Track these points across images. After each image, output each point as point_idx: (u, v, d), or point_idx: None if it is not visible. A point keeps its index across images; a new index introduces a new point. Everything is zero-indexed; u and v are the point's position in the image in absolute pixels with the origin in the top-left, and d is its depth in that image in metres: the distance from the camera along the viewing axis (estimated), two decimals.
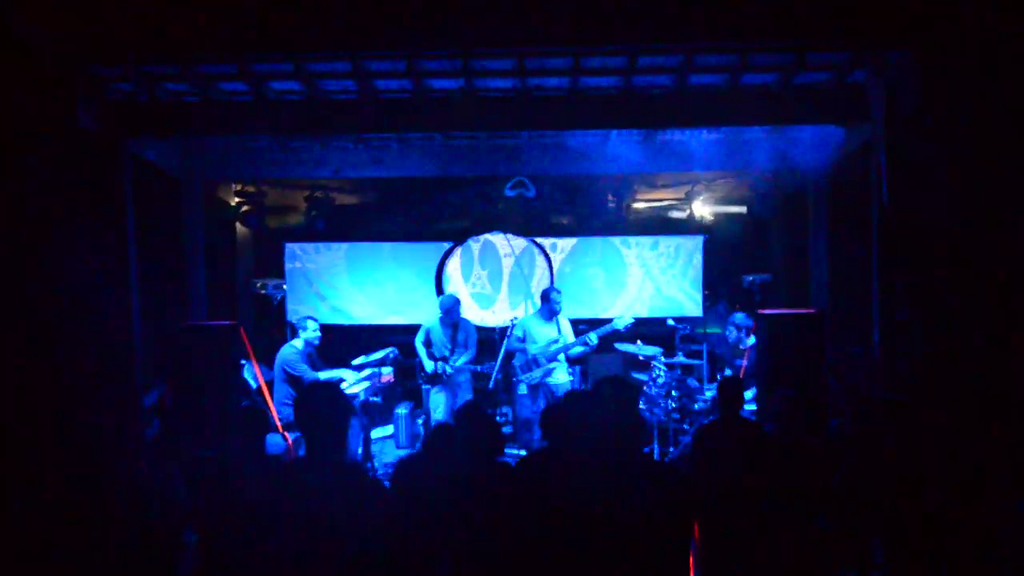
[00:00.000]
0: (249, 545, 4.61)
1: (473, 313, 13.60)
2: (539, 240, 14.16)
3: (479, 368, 11.43)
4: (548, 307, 11.53)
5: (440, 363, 11.27)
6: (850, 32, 8.09)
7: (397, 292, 14.18)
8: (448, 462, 5.91)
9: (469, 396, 11.31)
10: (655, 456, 10.94)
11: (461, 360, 11.34)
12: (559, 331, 11.46)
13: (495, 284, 14.15)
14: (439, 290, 13.81)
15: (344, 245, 14.16)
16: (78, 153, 8.52)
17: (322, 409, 4.60)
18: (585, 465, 4.93)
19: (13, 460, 7.45)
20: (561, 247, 14.20)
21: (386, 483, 5.94)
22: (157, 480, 7.26)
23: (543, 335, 11.48)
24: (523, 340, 11.55)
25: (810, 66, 8.90)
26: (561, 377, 11.44)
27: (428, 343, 11.61)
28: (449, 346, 11.44)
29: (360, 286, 14.15)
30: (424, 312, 13.21)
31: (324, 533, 4.37)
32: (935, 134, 8.00)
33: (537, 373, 11.30)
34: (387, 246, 14.21)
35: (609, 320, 11.49)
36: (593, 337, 11.29)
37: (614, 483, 4.72)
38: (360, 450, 10.72)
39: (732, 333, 11.29)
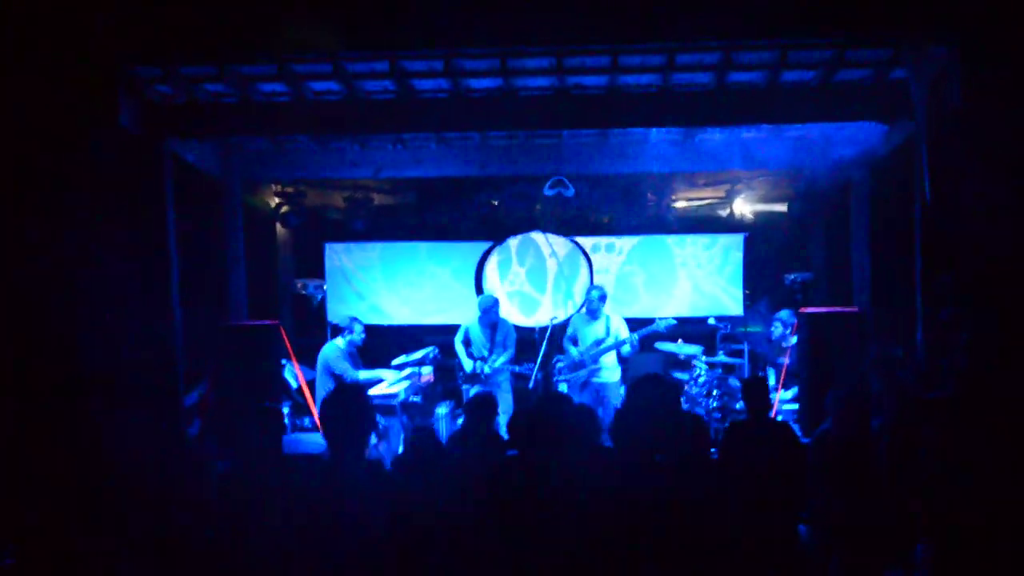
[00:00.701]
0: (273, 542, 4.69)
1: (516, 318, 13.58)
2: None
3: (517, 368, 11.41)
4: (586, 306, 11.48)
5: (479, 363, 11.24)
6: (891, 28, 8.02)
7: (436, 292, 14.20)
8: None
9: (508, 396, 11.29)
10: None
11: (500, 360, 11.31)
12: (607, 331, 11.36)
13: (535, 284, 14.13)
14: (479, 290, 13.81)
15: (383, 245, 14.19)
16: (119, 154, 8.60)
17: (348, 411, 4.75)
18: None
19: (54, 459, 7.52)
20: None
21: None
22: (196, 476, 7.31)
23: (589, 334, 11.44)
24: (574, 339, 11.55)
25: (850, 63, 8.86)
26: (609, 377, 11.36)
27: (467, 343, 11.59)
28: (488, 346, 11.41)
29: (399, 286, 14.18)
30: (463, 312, 13.21)
31: (348, 529, 4.50)
32: (978, 131, 7.92)
33: (582, 373, 11.28)
34: (426, 246, 14.24)
35: (651, 320, 11.42)
36: (634, 337, 11.22)
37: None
38: (401, 449, 10.73)
39: (777, 329, 11.25)
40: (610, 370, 11.41)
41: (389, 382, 11.14)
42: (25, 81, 7.69)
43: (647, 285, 14.15)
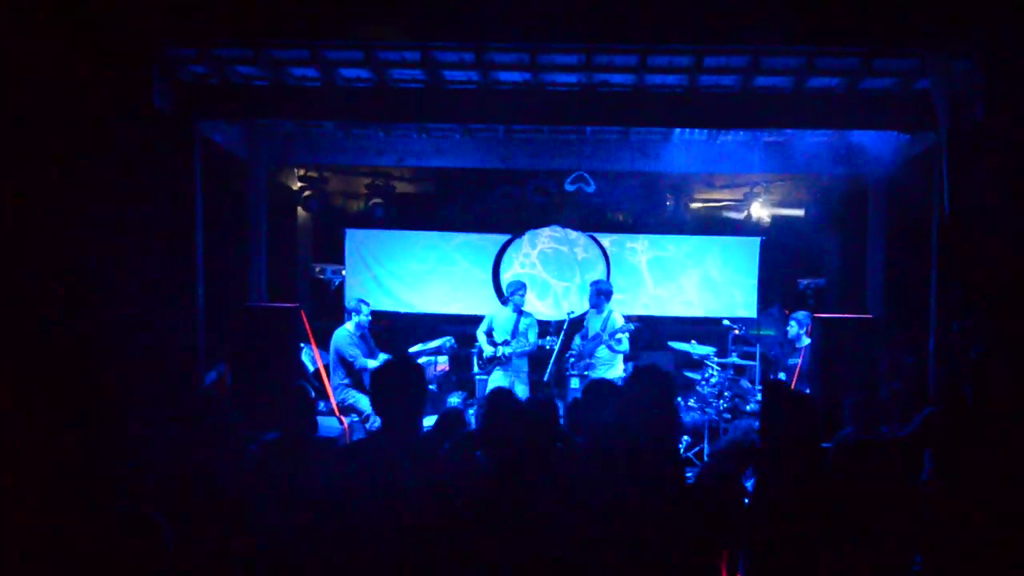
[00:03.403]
0: (316, 526, 4.64)
1: (530, 305, 13.70)
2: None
3: (542, 341, 11.38)
4: (594, 301, 11.61)
5: (501, 347, 11.25)
6: (916, 39, 8.10)
7: (454, 282, 14.27)
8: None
9: (524, 387, 11.31)
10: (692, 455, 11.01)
11: (520, 347, 11.31)
12: (604, 327, 11.41)
13: (548, 269, 14.23)
14: (496, 281, 13.91)
15: (403, 233, 14.28)
16: (152, 132, 8.71)
17: (397, 385, 4.59)
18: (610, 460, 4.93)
19: (74, 434, 7.58)
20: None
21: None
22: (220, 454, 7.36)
23: (592, 329, 11.54)
24: (584, 333, 11.62)
25: (876, 72, 8.92)
26: (605, 372, 11.21)
27: (489, 333, 11.63)
28: (511, 332, 11.43)
29: (417, 275, 14.26)
30: (480, 303, 13.36)
31: (400, 508, 4.37)
32: (999, 144, 7.99)
33: (581, 364, 11.42)
34: (445, 236, 14.32)
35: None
36: (605, 336, 11.23)
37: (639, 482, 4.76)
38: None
39: (793, 328, 11.32)
40: (607, 366, 11.37)
41: None
42: (61, 59, 7.78)
43: (661, 284, 14.23)
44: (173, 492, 5.77)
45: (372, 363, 10.97)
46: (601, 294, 11.51)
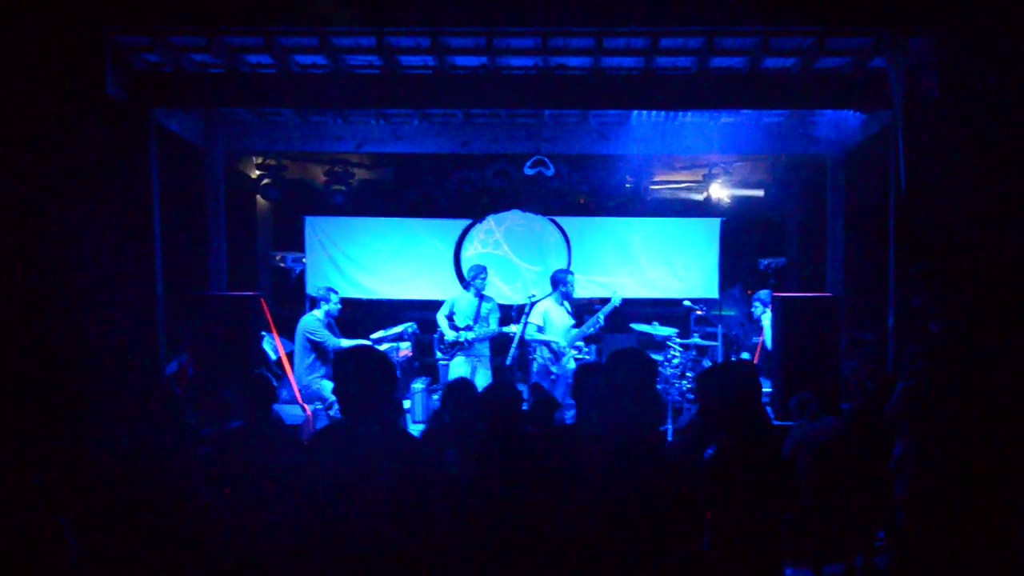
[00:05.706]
0: (279, 513, 4.56)
1: (495, 289, 13.64)
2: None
3: (505, 328, 11.30)
4: (562, 291, 11.44)
5: (463, 332, 11.19)
6: (871, 17, 8.14)
7: (415, 268, 14.18)
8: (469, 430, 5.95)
9: (487, 371, 11.28)
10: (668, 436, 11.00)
11: (483, 331, 11.25)
12: (571, 314, 11.36)
13: (514, 249, 14.17)
14: (457, 266, 13.86)
15: (363, 220, 14.19)
16: (105, 121, 8.63)
17: (363, 372, 4.43)
18: (599, 443, 4.90)
19: (34, 424, 7.51)
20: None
21: None
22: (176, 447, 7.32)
23: (561, 320, 11.31)
24: (542, 329, 11.28)
25: (831, 51, 8.95)
26: (571, 363, 11.13)
27: (451, 317, 11.55)
28: (473, 317, 11.37)
29: (378, 261, 14.17)
30: (441, 288, 13.29)
31: (368, 497, 4.23)
32: (954, 121, 8.05)
33: (566, 361, 11.17)
34: (406, 221, 14.23)
35: (607, 299, 11.46)
36: (600, 317, 11.22)
37: (628, 464, 4.73)
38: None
39: (758, 308, 11.45)
40: (571, 355, 11.25)
41: None
42: (10, 48, 7.70)
43: (624, 266, 14.20)
44: (119, 488, 5.68)
45: (346, 342, 10.86)
46: (567, 284, 11.45)
